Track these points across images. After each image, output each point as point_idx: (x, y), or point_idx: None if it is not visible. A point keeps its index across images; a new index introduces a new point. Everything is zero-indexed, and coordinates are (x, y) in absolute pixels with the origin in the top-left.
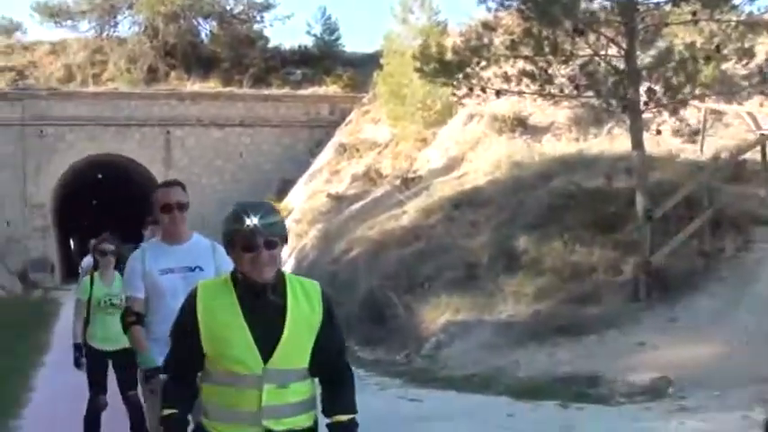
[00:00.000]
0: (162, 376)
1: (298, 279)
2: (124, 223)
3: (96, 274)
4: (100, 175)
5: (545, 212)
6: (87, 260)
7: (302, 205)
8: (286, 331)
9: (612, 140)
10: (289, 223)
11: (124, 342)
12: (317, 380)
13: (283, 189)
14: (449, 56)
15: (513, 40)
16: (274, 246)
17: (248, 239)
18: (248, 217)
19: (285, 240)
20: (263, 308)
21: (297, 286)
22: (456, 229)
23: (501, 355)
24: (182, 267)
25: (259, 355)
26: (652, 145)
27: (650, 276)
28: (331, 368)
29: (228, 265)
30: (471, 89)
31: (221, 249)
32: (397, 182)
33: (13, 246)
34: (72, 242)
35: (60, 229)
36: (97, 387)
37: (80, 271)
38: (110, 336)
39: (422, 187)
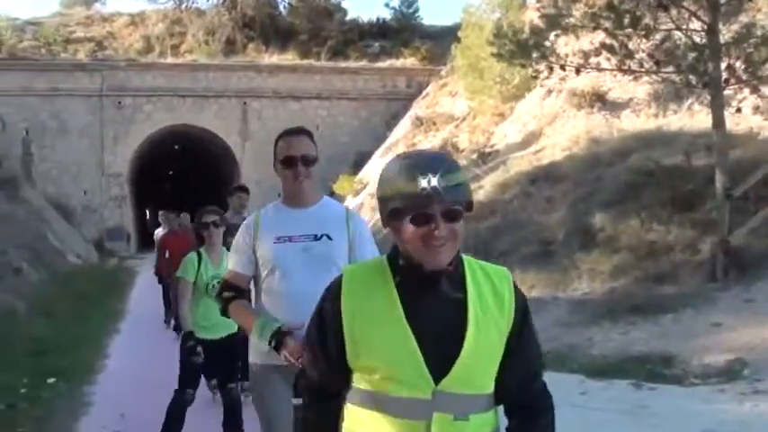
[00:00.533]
0: (294, 400)
1: (481, 265)
2: (200, 194)
3: (203, 251)
4: (176, 146)
5: (622, 189)
6: (159, 232)
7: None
8: (469, 339)
9: (692, 117)
10: (364, 197)
11: (228, 329)
12: (500, 409)
13: (359, 162)
14: (526, 33)
15: (593, 13)
16: (457, 217)
17: (422, 207)
18: (423, 175)
19: (470, 208)
20: (435, 306)
21: (480, 275)
22: (532, 204)
23: (575, 333)
24: (303, 235)
25: (428, 374)
26: (732, 122)
27: (728, 256)
28: (525, 393)
29: (369, 239)
30: (551, 68)
31: (359, 218)
32: (474, 156)
33: (90, 215)
34: (147, 212)
35: (136, 199)
36: (189, 380)
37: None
38: (214, 324)
39: (498, 162)
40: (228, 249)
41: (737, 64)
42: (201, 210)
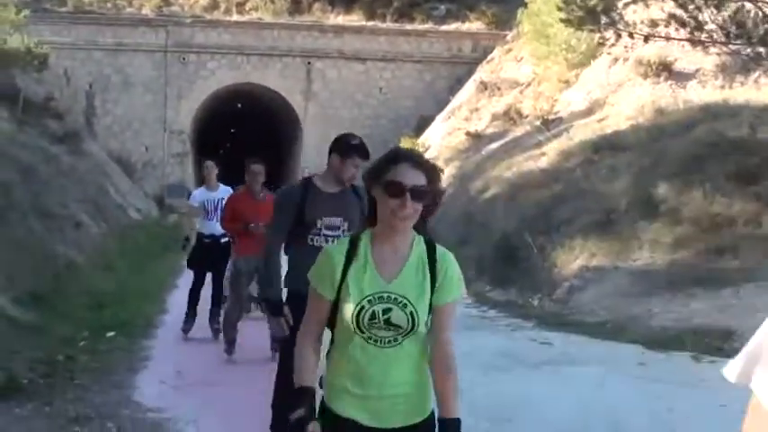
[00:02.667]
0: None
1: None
2: (261, 153)
3: None
4: (239, 105)
5: (686, 161)
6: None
7: (440, 142)
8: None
9: (759, 89)
10: None
11: None
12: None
13: (421, 125)
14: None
15: None
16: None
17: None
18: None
19: None
20: None
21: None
22: (595, 173)
23: (635, 303)
24: None
25: None
26: None
27: None
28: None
29: None
30: (619, 35)
31: None
32: (538, 123)
33: (151, 170)
34: None
35: (197, 156)
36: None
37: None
38: None
39: (562, 129)
40: None
41: None
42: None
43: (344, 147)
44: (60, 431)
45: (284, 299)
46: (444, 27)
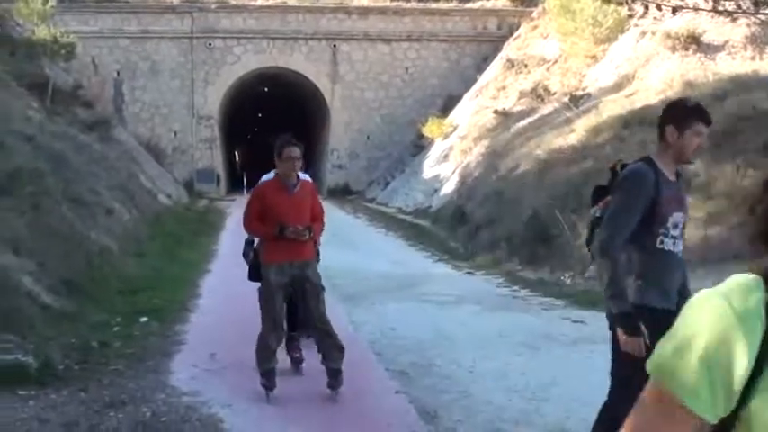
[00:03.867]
0: None
1: None
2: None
3: None
4: (266, 89)
5: (717, 134)
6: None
7: (468, 121)
8: None
9: None
10: (453, 140)
11: None
12: None
13: (449, 105)
14: None
15: None
16: None
17: None
18: None
19: None
20: None
21: None
22: (625, 148)
23: None
24: None
25: None
26: None
27: None
28: None
29: None
30: (647, 7)
31: None
32: (566, 99)
33: (180, 156)
34: (237, 154)
35: (226, 141)
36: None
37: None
38: None
39: (591, 105)
40: None
41: None
42: None
43: (681, 113)
44: (96, 416)
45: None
46: (469, 5)
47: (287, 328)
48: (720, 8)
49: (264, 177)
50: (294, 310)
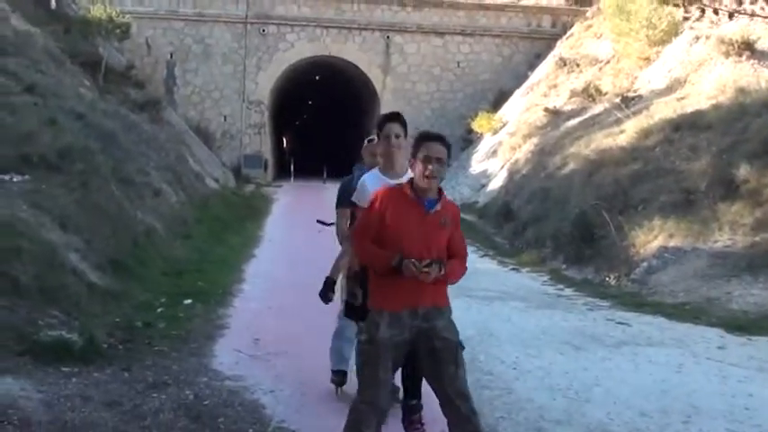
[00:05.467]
0: None
1: None
2: (339, 126)
3: None
4: (317, 77)
5: (767, 141)
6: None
7: (517, 118)
8: None
9: None
10: (502, 136)
11: None
12: None
13: (499, 100)
14: None
15: None
16: None
17: None
18: None
19: None
20: None
21: None
22: (675, 152)
23: (714, 286)
24: None
25: None
26: None
27: None
28: None
29: None
30: (703, 11)
31: None
32: (617, 100)
33: (229, 140)
34: (285, 140)
35: (275, 127)
36: None
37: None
38: None
39: (641, 107)
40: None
41: None
42: None
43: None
44: (138, 396)
45: None
46: (524, 2)
47: (403, 396)
48: None
49: (368, 176)
50: (414, 371)
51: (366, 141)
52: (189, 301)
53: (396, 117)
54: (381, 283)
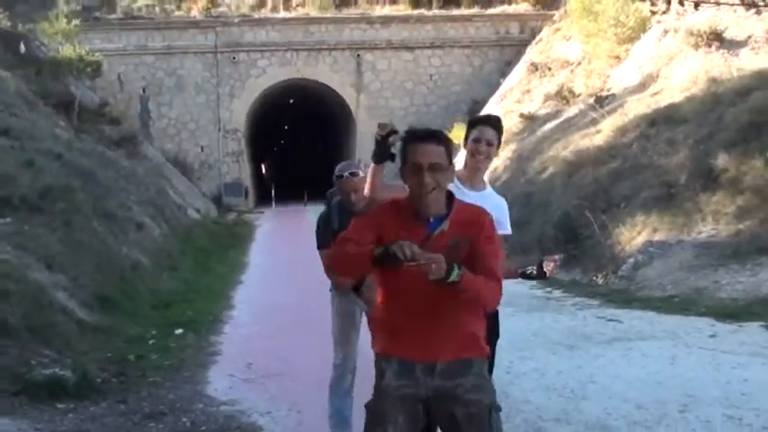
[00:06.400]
0: None
1: None
2: (316, 148)
3: None
4: (291, 100)
5: (744, 129)
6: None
7: None
8: None
9: None
10: None
11: None
12: None
13: (473, 110)
14: None
15: None
16: None
17: None
18: None
19: None
20: None
21: None
22: (652, 147)
23: (701, 276)
24: None
25: None
26: None
27: None
28: None
29: None
30: (669, 2)
31: None
32: (591, 100)
33: (207, 170)
34: (264, 166)
35: (253, 154)
36: None
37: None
38: None
39: (616, 105)
40: None
41: None
42: None
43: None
44: (135, 427)
45: None
46: (491, 10)
47: None
48: (744, 1)
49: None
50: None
51: (345, 174)
52: (180, 331)
53: (489, 120)
54: (381, 323)
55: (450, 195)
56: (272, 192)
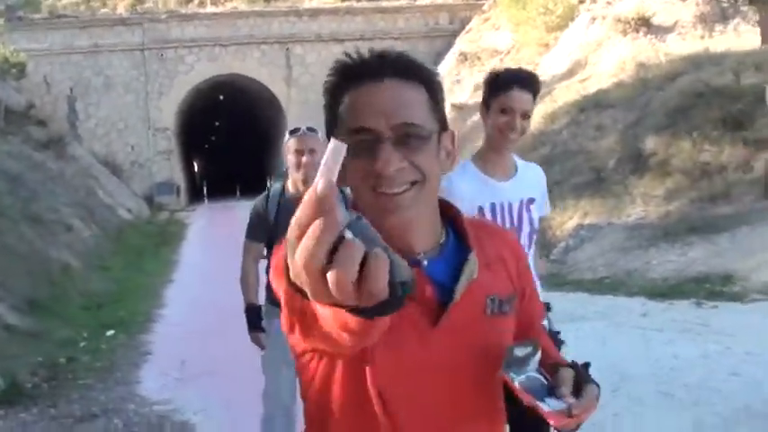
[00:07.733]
0: None
1: None
2: (248, 144)
3: None
4: (221, 97)
5: (672, 113)
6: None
7: None
8: None
9: (739, 37)
10: None
11: None
12: None
13: None
14: None
15: None
16: None
17: None
18: None
19: None
20: None
21: None
22: (582, 133)
23: (632, 257)
24: None
25: None
26: None
27: None
28: None
29: None
30: None
31: None
32: None
33: (138, 169)
34: (196, 164)
35: (184, 152)
36: None
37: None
38: None
39: (545, 92)
40: None
41: None
42: None
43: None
44: (67, 431)
45: None
46: (420, 2)
47: None
48: None
49: (457, 174)
50: None
51: (288, 134)
52: (111, 332)
53: (523, 80)
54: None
55: (450, 209)
56: (205, 189)
